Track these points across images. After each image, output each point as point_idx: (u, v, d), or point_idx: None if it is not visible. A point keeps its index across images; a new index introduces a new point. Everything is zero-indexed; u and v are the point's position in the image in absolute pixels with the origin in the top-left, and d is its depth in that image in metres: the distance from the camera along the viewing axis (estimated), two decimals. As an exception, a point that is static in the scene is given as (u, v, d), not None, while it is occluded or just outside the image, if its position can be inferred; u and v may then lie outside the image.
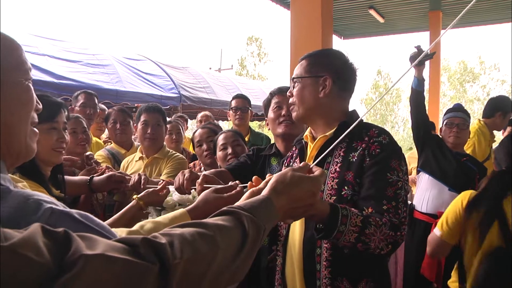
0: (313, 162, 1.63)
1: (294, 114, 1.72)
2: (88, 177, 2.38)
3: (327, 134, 1.65)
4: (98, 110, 3.81)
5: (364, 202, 1.48)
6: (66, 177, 2.35)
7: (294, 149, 1.88)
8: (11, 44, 0.84)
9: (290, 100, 1.72)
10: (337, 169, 1.57)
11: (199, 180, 1.66)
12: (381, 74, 40.46)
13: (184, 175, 1.82)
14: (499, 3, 9.72)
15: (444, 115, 3.54)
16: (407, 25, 12.04)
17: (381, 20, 10.92)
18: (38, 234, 0.56)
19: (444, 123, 3.46)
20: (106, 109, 4.39)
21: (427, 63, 11.32)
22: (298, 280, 1.61)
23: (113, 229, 1.21)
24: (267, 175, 1.17)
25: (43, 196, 0.75)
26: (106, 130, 3.92)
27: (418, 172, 3.44)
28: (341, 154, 1.59)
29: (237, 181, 1.48)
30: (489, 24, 11.70)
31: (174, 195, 2.04)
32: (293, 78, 1.71)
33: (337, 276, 1.52)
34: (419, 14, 10.91)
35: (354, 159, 1.55)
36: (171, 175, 2.70)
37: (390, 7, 10.39)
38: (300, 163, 1.73)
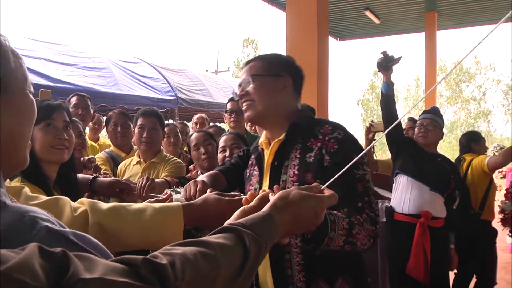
0: (270, 169, 1.61)
1: (250, 113, 1.64)
2: (91, 176, 2.32)
3: (280, 138, 1.63)
4: (92, 112, 3.79)
5: (338, 203, 1.44)
6: None
7: (252, 157, 1.84)
8: (18, 55, 0.83)
9: (244, 98, 1.64)
10: (296, 172, 1.54)
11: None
12: (377, 75, 40.52)
13: (197, 186, 1.72)
14: (494, 4, 9.76)
15: (419, 117, 3.63)
16: (403, 26, 12.07)
17: (377, 21, 10.95)
18: (35, 255, 0.55)
19: (416, 125, 3.55)
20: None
21: (423, 62, 11.37)
22: (270, 286, 1.58)
23: (98, 200, 1.21)
24: (261, 190, 1.13)
25: (40, 212, 0.73)
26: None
27: (396, 174, 3.48)
28: (297, 156, 1.57)
29: (240, 193, 1.41)
30: (484, 25, 11.74)
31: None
32: (253, 74, 1.62)
33: (312, 279, 1.50)
34: (415, 15, 10.95)
35: (311, 160, 1.53)
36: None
37: (385, 8, 10.42)
38: (258, 171, 1.71)
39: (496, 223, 4.34)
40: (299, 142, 1.58)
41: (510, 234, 3.90)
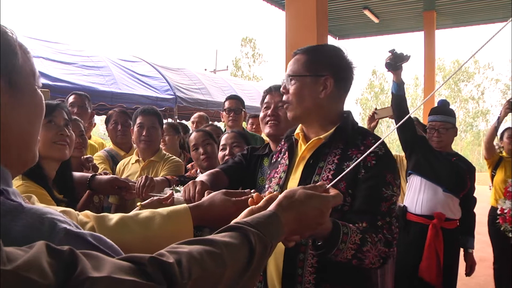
0: (304, 165, 1.60)
1: (289, 114, 1.63)
2: (89, 175, 2.32)
3: (321, 137, 1.60)
4: (89, 110, 3.78)
5: (358, 216, 1.45)
6: None
7: (283, 143, 1.81)
8: (26, 50, 0.81)
9: (285, 97, 1.62)
10: (330, 177, 1.52)
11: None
12: (376, 74, 40.59)
13: (196, 187, 1.71)
14: (492, 3, 9.77)
15: (428, 115, 3.51)
16: (401, 25, 12.08)
17: (375, 20, 10.95)
18: (43, 253, 0.55)
19: (427, 127, 3.44)
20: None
21: (421, 62, 11.37)
22: (276, 281, 1.58)
23: (106, 213, 1.19)
24: (267, 192, 1.13)
25: (57, 214, 0.74)
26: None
27: (409, 175, 3.43)
28: (335, 161, 1.54)
29: (250, 190, 1.38)
30: (482, 24, 11.76)
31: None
32: (290, 75, 1.60)
33: (321, 282, 1.50)
34: (414, 14, 10.95)
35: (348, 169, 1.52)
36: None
37: (384, 8, 10.42)
38: (288, 160, 1.68)
39: None
40: (340, 148, 1.56)
41: (510, 233, 3.88)
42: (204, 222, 1.30)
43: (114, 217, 1.17)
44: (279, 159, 1.79)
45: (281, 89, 1.65)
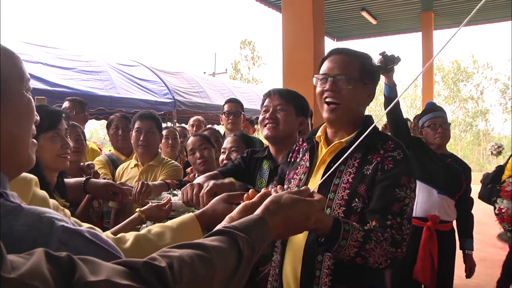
0: (325, 168, 1.61)
1: (332, 115, 1.61)
2: (84, 179, 2.33)
3: (342, 141, 1.62)
4: (82, 116, 3.79)
5: (370, 215, 1.48)
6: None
7: (302, 144, 1.81)
8: (13, 55, 0.84)
9: (328, 94, 1.60)
10: (350, 180, 1.55)
11: (205, 191, 1.63)
12: (375, 75, 40.62)
13: (193, 189, 1.75)
14: (491, 3, 9.79)
15: (422, 116, 3.47)
16: (399, 26, 12.12)
17: (373, 21, 10.99)
18: (43, 261, 0.58)
19: (426, 125, 3.39)
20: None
21: (420, 62, 11.34)
22: (293, 282, 1.60)
23: (122, 234, 1.25)
24: (263, 189, 1.16)
25: (54, 213, 0.77)
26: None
27: None
28: (355, 165, 1.56)
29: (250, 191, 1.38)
30: (481, 24, 11.80)
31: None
32: (351, 78, 1.58)
33: (337, 284, 1.51)
34: (411, 15, 10.99)
35: (368, 172, 1.53)
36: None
37: (382, 9, 10.45)
38: (309, 162, 1.69)
39: None
40: (360, 152, 1.57)
41: (509, 233, 3.85)
42: (209, 228, 1.35)
43: (129, 238, 1.23)
44: (298, 160, 1.79)
45: (328, 85, 1.60)
